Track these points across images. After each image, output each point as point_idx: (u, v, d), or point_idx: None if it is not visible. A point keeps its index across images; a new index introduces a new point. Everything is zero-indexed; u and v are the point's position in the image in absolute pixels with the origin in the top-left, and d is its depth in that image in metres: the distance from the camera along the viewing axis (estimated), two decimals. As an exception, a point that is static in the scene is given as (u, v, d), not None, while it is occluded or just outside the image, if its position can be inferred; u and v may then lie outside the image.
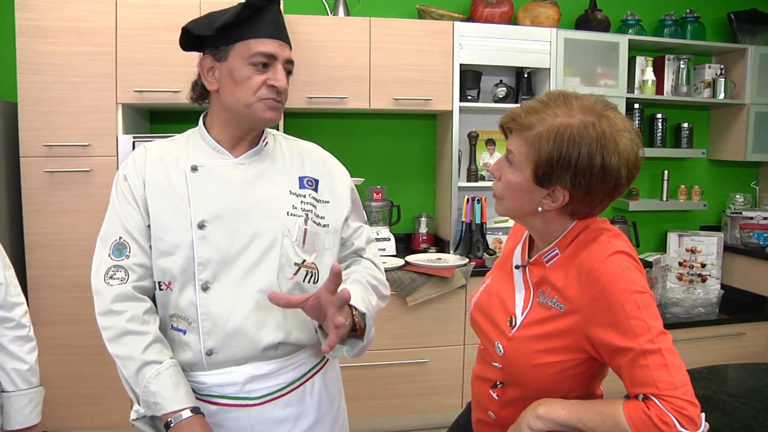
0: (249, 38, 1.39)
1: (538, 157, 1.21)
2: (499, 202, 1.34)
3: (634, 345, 1.11)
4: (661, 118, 4.01)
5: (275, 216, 1.45)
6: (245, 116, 1.44)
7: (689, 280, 3.79)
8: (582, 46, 3.63)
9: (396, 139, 3.90)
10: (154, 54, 2.97)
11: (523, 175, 1.25)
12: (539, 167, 1.21)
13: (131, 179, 1.46)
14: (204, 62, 1.45)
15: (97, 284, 1.43)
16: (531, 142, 1.22)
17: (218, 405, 1.44)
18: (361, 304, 1.38)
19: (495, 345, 1.33)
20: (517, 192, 1.27)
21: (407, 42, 3.37)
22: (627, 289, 1.15)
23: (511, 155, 1.27)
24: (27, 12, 2.86)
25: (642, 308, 1.13)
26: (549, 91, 1.31)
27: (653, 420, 1.07)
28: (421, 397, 3.32)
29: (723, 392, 1.88)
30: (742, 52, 3.92)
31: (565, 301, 1.23)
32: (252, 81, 1.40)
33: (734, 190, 4.27)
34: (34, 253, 2.95)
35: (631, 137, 1.23)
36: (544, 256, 1.32)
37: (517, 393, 1.32)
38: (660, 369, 1.09)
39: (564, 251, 1.29)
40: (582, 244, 1.26)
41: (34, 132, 2.90)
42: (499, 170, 1.31)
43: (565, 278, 1.25)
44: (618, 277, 1.16)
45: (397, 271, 3.22)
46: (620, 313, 1.14)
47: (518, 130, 1.25)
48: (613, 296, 1.15)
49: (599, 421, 1.13)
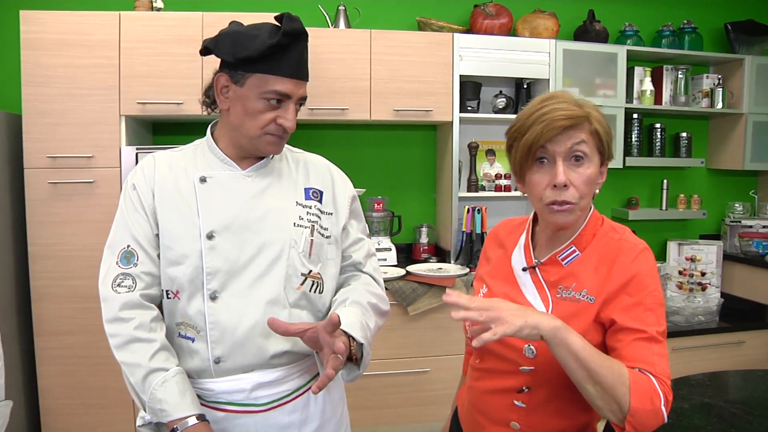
0: (269, 73, 1.39)
1: (604, 140, 1.31)
2: (573, 209, 1.29)
3: (645, 329, 1.20)
4: (659, 127, 4.04)
5: (282, 227, 1.47)
6: (249, 144, 1.47)
7: (689, 289, 3.80)
8: (581, 56, 3.66)
9: (397, 150, 3.93)
10: (157, 66, 3.00)
11: (594, 164, 1.30)
12: (606, 149, 1.31)
13: (140, 188, 1.48)
14: (219, 79, 1.46)
15: (104, 292, 1.43)
16: (594, 129, 1.29)
17: (225, 411, 1.46)
18: (359, 332, 1.39)
19: (524, 349, 1.30)
20: (592, 184, 1.30)
21: (408, 54, 3.40)
22: (652, 285, 1.24)
23: (583, 148, 1.27)
24: (32, 25, 2.89)
25: (657, 305, 1.23)
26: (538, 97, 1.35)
27: (649, 388, 1.14)
28: (422, 407, 3.32)
29: (722, 399, 1.89)
30: (740, 62, 3.95)
31: (596, 293, 1.27)
32: (262, 117, 1.42)
33: (733, 199, 4.29)
34: (37, 264, 2.96)
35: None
36: (559, 255, 1.35)
37: (547, 393, 1.32)
38: (660, 357, 1.18)
39: (585, 250, 1.33)
40: (608, 242, 1.33)
41: (38, 143, 2.93)
42: (568, 177, 1.27)
43: (596, 273, 1.29)
44: (647, 273, 1.25)
45: (398, 281, 3.23)
46: (641, 302, 1.22)
47: (580, 125, 1.27)
48: (640, 287, 1.23)
49: (608, 365, 1.15)
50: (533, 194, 1.32)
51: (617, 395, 1.12)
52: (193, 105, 3.00)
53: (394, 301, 3.17)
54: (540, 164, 1.29)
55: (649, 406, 1.12)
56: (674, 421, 1.71)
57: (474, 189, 3.72)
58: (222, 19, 1.67)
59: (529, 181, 1.32)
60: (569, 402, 1.31)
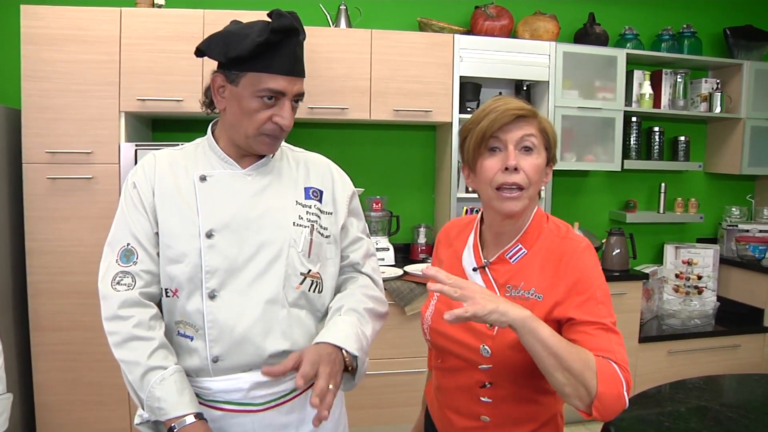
0: (261, 71, 1.39)
1: (549, 139, 1.38)
2: (522, 196, 1.34)
3: (601, 320, 1.26)
4: (658, 131, 4.05)
5: (282, 226, 1.48)
6: (244, 144, 1.47)
7: (686, 292, 3.82)
8: (580, 59, 3.67)
9: (396, 150, 3.93)
10: (158, 63, 3.00)
11: (541, 157, 1.36)
12: (551, 148, 1.38)
13: (140, 186, 1.48)
14: (215, 79, 1.46)
15: (104, 289, 1.43)
16: (541, 127, 1.36)
17: (223, 410, 1.46)
18: (354, 344, 1.41)
19: (480, 349, 1.35)
20: (540, 173, 1.36)
21: (408, 54, 3.40)
22: (598, 280, 1.31)
23: (532, 140, 1.34)
24: (32, 20, 2.89)
25: (606, 297, 1.30)
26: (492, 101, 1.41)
27: (614, 374, 1.18)
28: (419, 406, 3.31)
29: (718, 402, 1.90)
30: (738, 67, 3.97)
31: (544, 291, 1.32)
32: (257, 115, 1.42)
33: (730, 203, 4.31)
34: (35, 259, 2.96)
35: None
36: (507, 253, 1.40)
37: (509, 386, 1.36)
38: (618, 345, 1.24)
39: (531, 248, 1.39)
40: (552, 240, 1.38)
41: (37, 139, 2.92)
42: (517, 161, 1.33)
43: (542, 271, 1.35)
44: (593, 269, 1.32)
45: (395, 281, 3.24)
46: (592, 297, 1.28)
47: (527, 118, 1.35)
48: (587, 284, 1.29)
49: (575, 353, 1.18)
50: (483, 179, 1.36)
51: (585, 380, 1.16)
52: (192, 102, 2.99)
53: (392, 301, 3.18)
54: (492, 152, 1.35)
55: (614, 390, 1.17)
56: (671, 425, 1.72)
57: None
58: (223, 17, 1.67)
59: (480, 167, 1.36)
60: (533, 390, 1.37)
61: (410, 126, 3.89)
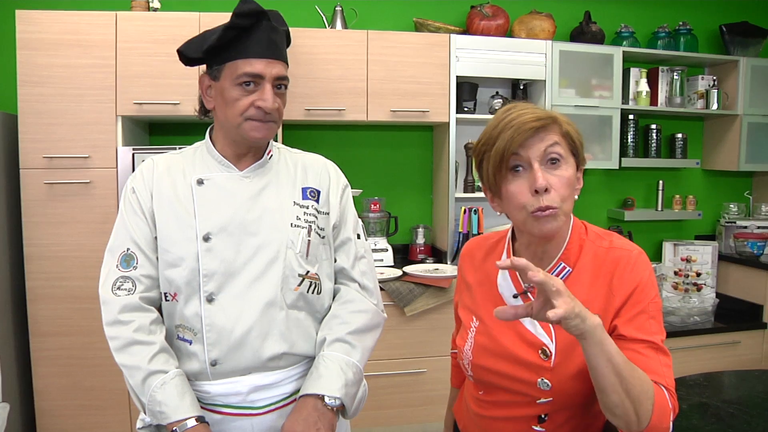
0: (237, 59, 1.41)
1: (576, 142, 1.25)
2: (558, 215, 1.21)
3: (651, 339, 1.18)
4: (655, 128, 4.05)
5: (279, 228, 1.47)
6: (237, 135, 1.47)
7: (684, 289, 3.82)
8: (577, 58, 3.67)
9: (393, 151, 3.93)
10: (154, 66, 2.99)
11: (571, 166, 1.24)
12: (578, 152, 1.26)
13: (139, 191, 1.49)
14: (203, 81, 1.49)
15: (104, 295, 1.44)
16: (566, 132, 1.24)
17: (222, 414, 1.46)
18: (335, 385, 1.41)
19: (538, 383, 1.25)
20: (571, 187, 1.24)
21: (404, 54, 3.40)
22: (652, 292, 1.22)
23: (558, 150, 1.22)
24: (28, 25, 2.88)
25: (658, 312, 1.22)
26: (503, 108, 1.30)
27: (666, 406, 1.12)
28: (419, 407, 3.33)
29: (718, 399, 1.90)
30: (734, 64, 3.97)
31: (597, 310, 1.20)
32: (240, 102, 1.42)
33: (728, 200, 4.31)
34: (33, 264, 2.95)
35: None
36: (550, 273, 1.24)
37: (567, 416, 1.28)
38: (667, 368, 1.16)
39: (576, 265, 1.27)
40: (597, 253, 1.27)
41: (34, 144, 2.92)
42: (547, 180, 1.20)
43: (591, 288, 1.24)
44: (648, 280, 1.22)
45: (394, 282, 3.23)
46: (644, 311, 1.20)
47: (549, 127, 1.22)
48: (643, 295, 1.21)
49: (638, 375, 1.10)
50: (513, 205, 1.23)
51: (641, 409, 1.08)
52: (189, 105, 2.98)
53: (391, 302, 3.17)
54: (515, 173, 1.22)
55: (663, 423, 1.11)
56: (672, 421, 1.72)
57: (470, 190, 3.72)
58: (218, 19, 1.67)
59: (506, 193, 1.24)
60: (592, 418, 1.30)
61: (407, 127, 3.88)
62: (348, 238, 1.61)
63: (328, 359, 1.44)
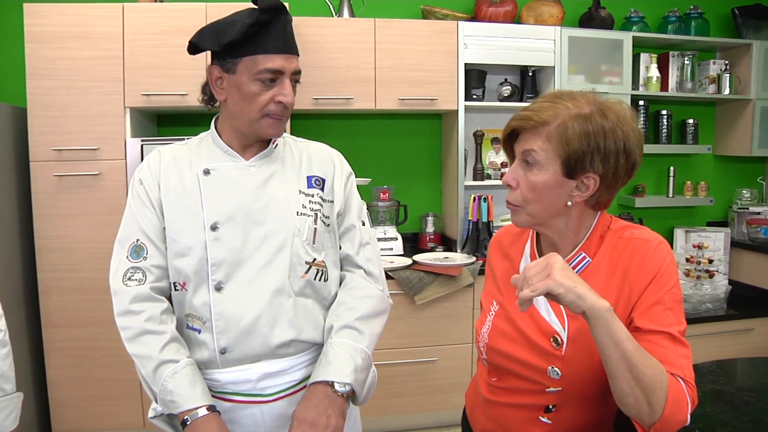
0: (256, 53, 1.39)
1: (568, 148, 1.19)
2: (519, 212, 1.27)
3: (667, 330, 1.16)
4: (666, 114, 4.01)
5: (286, 216, 1.48)
6: (249, 130, 1.47)
7: (696, 276, 3.79)
8: (586, 43, 3.64)
9: (402, 139, 3.91)
10: (161, 57, 2.99)
11: (549, 172, 1.22)
12: (571, 157, 1.19)
13: (147, 183, 1.49)
14: (212, 72, 1.47)
15: (115, 285, 1.44)
16: (556, 135, 1.20)
17: (232, 402, 1.47)
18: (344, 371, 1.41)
19: (548, 371, 1.26)
20: (545, 192, 1.23)
21: (412, 42, 3.38)
22: (671, 282, 1.20)
23: (533, 155, 1.22)
24: (35, 18, 2.89)
25: (677, 303, 1.19)
26: (545, 93, 1.29)
27: (683, 397, 1.10)
28: (430, 396, 3.33)
29: (732, 386, 1.88)
30: (747, 48, 3.92)
31: (614, 301, 1.20)
32: (259, 98, 1.42)
33: (740, 186, 4.27)
34: (44, 257, 2.97)
35: (635, 120, 1.26)
36: (570, 263, 1.27)
37: (575, 408, 1.28)
38: (686, 359, 1.15)
39: (595, 256, 1.27)
40: (616, 244, 1.27)
41: (43, 136, 2.93)
42: (516, 178, 1.25)
43: (610, 279, 1.24)
44: (667, 269, 1.21)
45: (404, 271, 3.23)
46: (660, 302, 1.18)
47: (534, 129, 1.22)
48: (660, 284, 1.19)
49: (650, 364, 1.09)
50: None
51: (653, 399, 1.07)
52: (197, 96, 2.97)
53: (401, 291, 3.17)
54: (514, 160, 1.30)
55: (679, 416, 1.09)
56: (684, 409, 1.70)
57: (480, 177, 3.71)
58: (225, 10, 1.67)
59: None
60: (598, 410, 1.28)
61: (416, 115, 3.87)
62: (352, 225, 1.61)
63: (336, 346, 1.44)
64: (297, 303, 1.47)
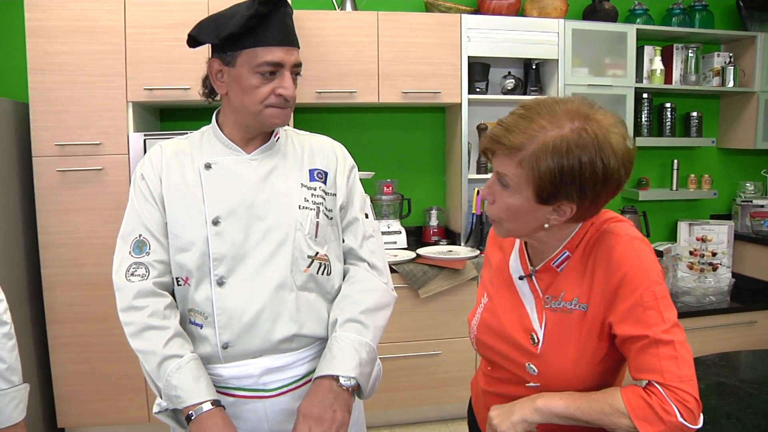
0: (256, 46, 1.38)
1: (539, 177, 1.13)
2: (497, 225, 1.27)
3: (648, 333, 1.12)
4: (670, 107, 4.00)
5: (288, 210, 1.47)
6: (253, 121, 1.46)
7: (700, 269, 3.79)
8: (590, 36, 3.62)
9: (405, 133, 3.91)
10: (164, 51, 2.99)
11: (523, 197, 1.18)
12: (542, 188, 1.14)
13: (148, 178, 1.49)
14: (212, 65, 1.46)
15: (118, 281, 1.44)
16: (527, 162, 1.14)
17: (235, 397, 1.47)
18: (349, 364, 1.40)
19: (526, 366, 1.28)
20: (519, 214, 1.21)
21: (415, 35, 3.37)
22: (646, 279, 1.15)
23: (506, 178, 1.19)
24: (36, 12, 2.88)
25: (659, 299, 1.14)
26: (524, 102, 1.21)
27: (653, 407, 1.08)
28: (434, 389, 3.33)
29: (736, 379, 1.88)
30: (752, 40, 3.90)
31: (588, 299, 1.21)
32: (260, 90, 1.41)
33: (744, 179, 4.26)
34: (48, 252, 2.97)
35: (620, 131, 1.17)
36: (554, 261, 1.28)
37: None
38: (669, 360, 1.10)
39: (575, 252, 1.26)
40: (593, 239, 1.24)
41: (45, 132, 2.92)
42: (493, 194, 1.23)
43: (583, 277, 1.23)
44: (638, 266, 1.16)
45: (408, 264, 3.23)
46: (638, 302, 1.14)
47: (507, 152, 1.17)
48: (632, 286, 1.15)
49: (597, 408, 1.13)
50: None
51: (624, 427, 1.11)
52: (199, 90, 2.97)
53: (405, 284, 3.17)
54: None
55: (661, 426, 1.08)
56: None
57: (483, 171, 3.70)
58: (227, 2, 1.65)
59: None
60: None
61: (419, 108, 3.86)
62: (355, 217, 1.60)
63: (340, 340, 1.44)
64: (299, 297, 1.47)
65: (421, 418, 3.44)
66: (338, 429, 1.35)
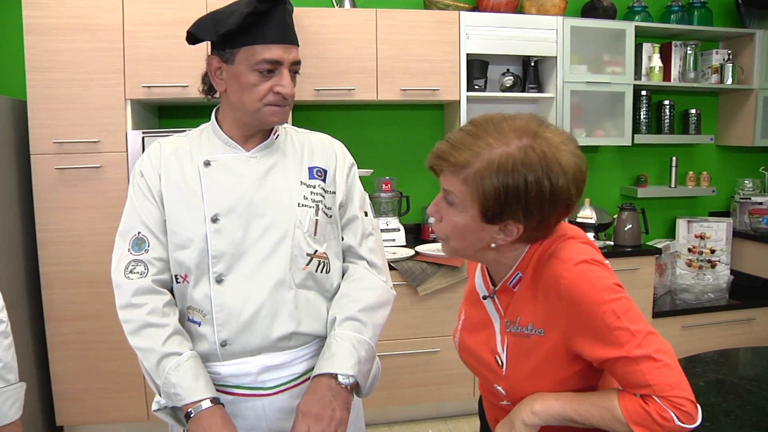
0: (254, 44, 1.38)
1: (484, 196, 1.10)
2: (445, 243, 1.24)
3: (622, 353, 1.09)
4: (668, 104, 4.00)
5: (287, 208, 1.47)
6: (252, 119, 1.46)
7: (699, 266, 3.79)
8: (588, 33, 3.62)
9: (404, 130, 3.90)
10: (162, 49, 2.98)
11: (469, 215, 1.15)
12: (487, 207, 1.11)
13: (147, 175, 1.48)
14: (211, 62, 1.46)
15: (117, 279, 1.44)
16: (472, 181, 1.11)
17: (233, 395, 1.47)
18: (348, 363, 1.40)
19: (495, 387, 1.28)
20: (465, 233, 1.18)
21: (413, 33, 3.37)
22: (601, 301, 1.10)
23: (451, 196, 1.16)
24: (34, 10, 2.87)
25: (622, 316, 1.09)
26: (473, 117, 1.18)
27: (651, 414, 1.07)
28: (433, 387, 3.34)
29: (735, 376, 1.89)
30: (750, 37, 3.90)
31: (543, 325, 1.18)
32: (258, 88, 1.41)
33: (743, 176, 4.26)
34: (46, 250, 2.97)
35: (571, 149, 1.13)
36: (510, 282, 1.24)
37: None
38: (653, 372, 1.07)
39: (526, 272, 1.22)
40: (541, 261, 1.20)
41: (44, 129, 2.92)
42: (440, 212, 1.20)
43: (535, 301, 1.20)
44: (589, 291, 1.11)
45: (407, 262, 3.23)
46: (601, 326, 1.10)
47: (452, 169, 1.13)
48: (589, 311, 1.11)
49: (595, 413, 1.13)
50: None
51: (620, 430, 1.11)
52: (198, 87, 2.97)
53: (404, 282, 3.17)
54: None
55: (657, 429, 1.07)
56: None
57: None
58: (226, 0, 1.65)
59: None
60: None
61: (418, 105, 3.86)
62: (354, 215, 1.60)
63: (339, 338, 1.44)
64: (298, 295, 1.47)
65: (420, 416, 3.44)
66: (337, 427, 1.35)
